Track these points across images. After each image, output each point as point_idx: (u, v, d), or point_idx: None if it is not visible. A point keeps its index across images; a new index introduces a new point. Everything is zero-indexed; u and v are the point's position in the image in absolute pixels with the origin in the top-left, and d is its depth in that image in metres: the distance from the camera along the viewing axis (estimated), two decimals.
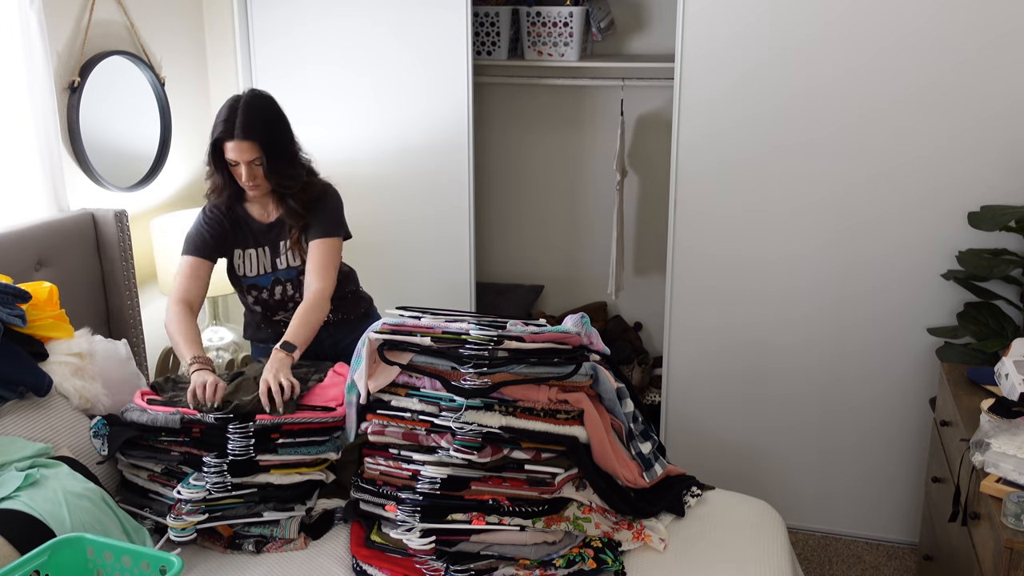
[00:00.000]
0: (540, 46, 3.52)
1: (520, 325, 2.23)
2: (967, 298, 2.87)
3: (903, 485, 3.14)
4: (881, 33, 2.82)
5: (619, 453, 2.24)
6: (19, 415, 2.16)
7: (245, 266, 2.63)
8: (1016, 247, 2.80)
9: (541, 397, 2.16)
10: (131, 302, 2.89)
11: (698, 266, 3.16)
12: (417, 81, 3.29)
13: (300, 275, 2.62)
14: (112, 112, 2.99)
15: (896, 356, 3.04)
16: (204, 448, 2.17)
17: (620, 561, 2.08)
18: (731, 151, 3.03)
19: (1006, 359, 2.37)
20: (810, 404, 3.17)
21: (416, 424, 2.15)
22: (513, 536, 2.08)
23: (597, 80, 3.60)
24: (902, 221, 2.93)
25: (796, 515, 3.25)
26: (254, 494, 2.17)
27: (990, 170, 2.82)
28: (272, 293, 2.65)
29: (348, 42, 3.32)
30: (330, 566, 2.09)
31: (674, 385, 3.30)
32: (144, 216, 3.13)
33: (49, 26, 2.62)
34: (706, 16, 2.94)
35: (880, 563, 3.13)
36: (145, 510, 2.20)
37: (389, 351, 2.21)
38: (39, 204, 2.70)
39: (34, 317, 2.31)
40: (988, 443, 2.09)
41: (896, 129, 2.88)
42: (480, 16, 3.51)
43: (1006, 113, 2.77)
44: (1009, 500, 1.92)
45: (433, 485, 2.08)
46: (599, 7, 3.54)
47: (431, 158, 3.33)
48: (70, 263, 2.71)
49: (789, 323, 3.12)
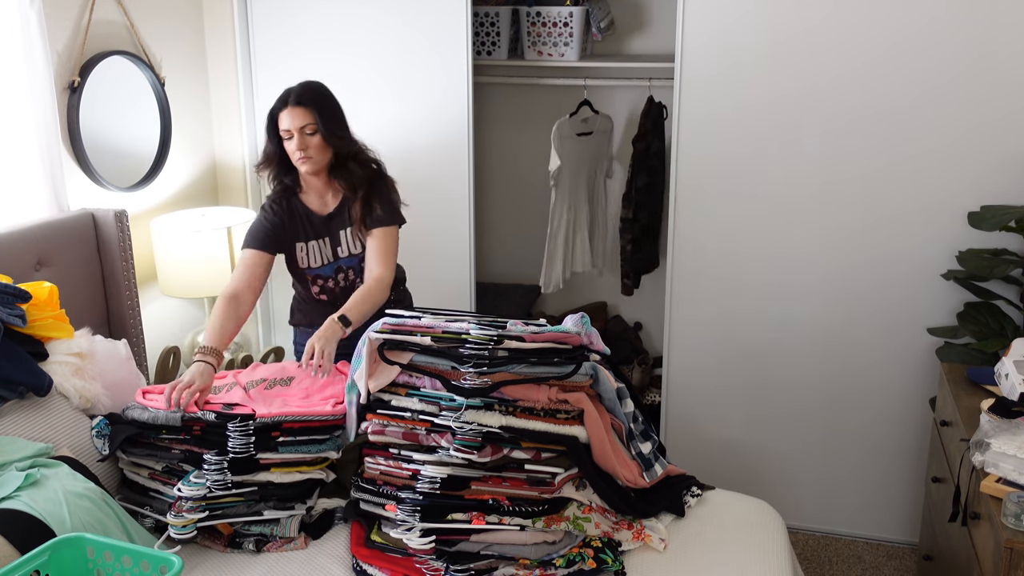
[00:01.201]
0: (540, 46, 3.52)
1: (520, 325, 2.23)
2: (967, 298, 2.87)
3: (903, 485, 3.14)
4: (881, 34, 2.82)
5: (619, 453, 2.24)
6: (19, 415, 2.16)
7: (309, 258, 2.65)
8: (1016, 247, 2.80)
9: (541, 397, 2.16)
10: (131, 302, 2.89)
11: (698, 266, 3.16)
12: (417, 81, 3.29)
13: (361, 262, 2.65)
14: (112, 112, 2.99)
15: (896, 356, 3.04)
16: (205, 446, 2.17)
17: (620, 561, 2.08)
18: (731, 151, 3.03)
19: (1006, 359, 2.37)
20: (810, 404, 3.17)
21: (416, 424, 2.15)
22: (513, 536, 2.08)
23: (597, 80, 3.60)
24: (902, 221, 2.94)
25: (796, 515, 3.25)
26: (254, 492, 2.17)
27: (990, 170, 2.82)
28: (336, 282, 2.68)
29: (348, 43, 3.32)
30: (330, 566, 2.09)
31: (674, 385, 3.30)
32: (144, 216, 3.13)
33: (49, 26, 2.62)
34: (706, 16, 2.94)
35: (880, 563, 3.13)
36: (146, 508, 2.21)
37: (389, 351, 2.21)
38: (39, 204, 2.70)
39: (34, 317, 2.31)
40: (988, 443, 2.09)
41: (896, 130, 2.88)
42: (480, 16, 3.51)
43: (1006, 113, 2.77)
44: (1009, 500, 1.92)
45: (433, 485, 2.08)
46: (599, 7, 3.54)
47: (431, 158, 3.33)
48: (70, 263, 2.71)
49: (789, 324, 3.12)
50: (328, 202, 2.66)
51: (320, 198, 2.66)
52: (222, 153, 3.53)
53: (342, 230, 2.65)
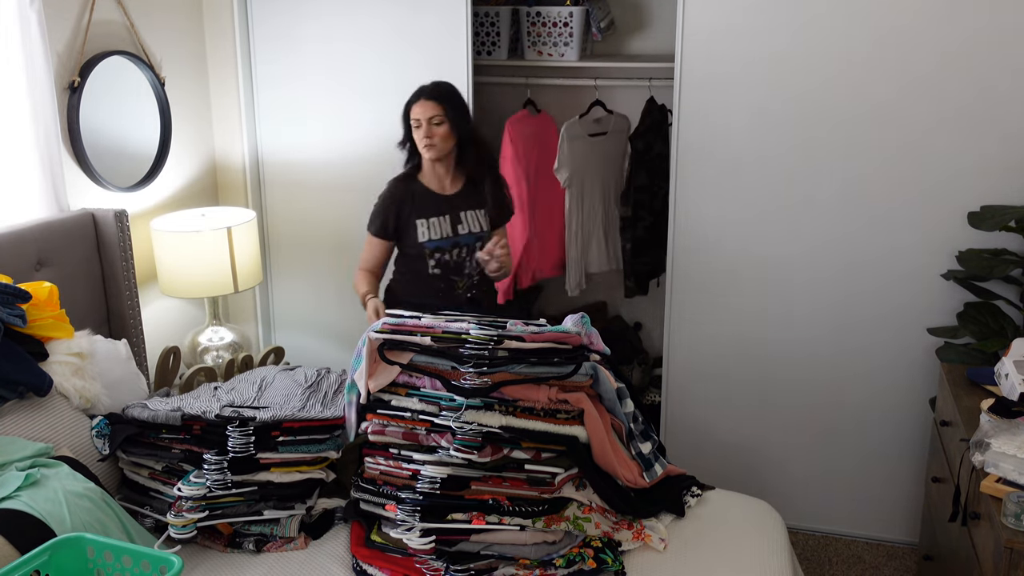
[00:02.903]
0: (540, 46, 3.52)
1: (520, 325, 2.23)
2: (967, 298, 2.87)
3: (903, 485, 3.14)
4: (882, 35, 2.82)
5: (619, 453, 2.24)
6: (19, 415, 2.16)
7: (429, 232, 2.84)
8: (1016, 247, 2.80)
9: (541, 397, 2.16)
10: (131, 302, 2.89)
11: (698, 266, 3.16)
12: (418, 81, 3.28)
13: (478, 241, 2.87)
14: (112, 112, 2.99)
15: (896, 356, 3.04)
16: (205, 445, 2.17)
17: (620, 561, 2.08)
18: (730, 151, 3.03)
19: (1006, 359, 2.37)
20: (810, 404, 3.17)
21: (416, 424, 2.15)
22: (513, 536, 2.08)
23: (597, 80, 3.59)
24: (902, 221, 2.93)
25: (796, 515, 3.25)
26: (254, 492, 2.17)
27: (990, 170, 2.82)
28: (452, 256, 2.86)
29: (349, 42, 3.32)
30: (330, 566, 2.09)
31: (674, 385, 3.30)
32: (144, 216, 3.13)
33: (49, 26, 2.62)
34: (706, 16, 2.94)
35: (880, 563, 3.13)
36: (146, 508, 2.21)
37: (389, 351, 2.21)
38: (39, 204, 2.70)
39: (34, 317, 2.31)
40: (988, 443, 2.08)
41: (896, 129, 2.88)
42: (480, 16, 3.51)
43: (1007, 113, 2.77)
44: (1009, 500, 1.92)
45: (433, 485, 2.08)
46: (599, 7, 3.54)
47: None
48: (70, 263, 2.71)
49: (789, 323, 3.12)
50: (447, 186, 2.88)
51: (440, 182, 2.88)
52: (222, 153, 3.53)
53: (463, 211, 2.87)
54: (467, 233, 2.87)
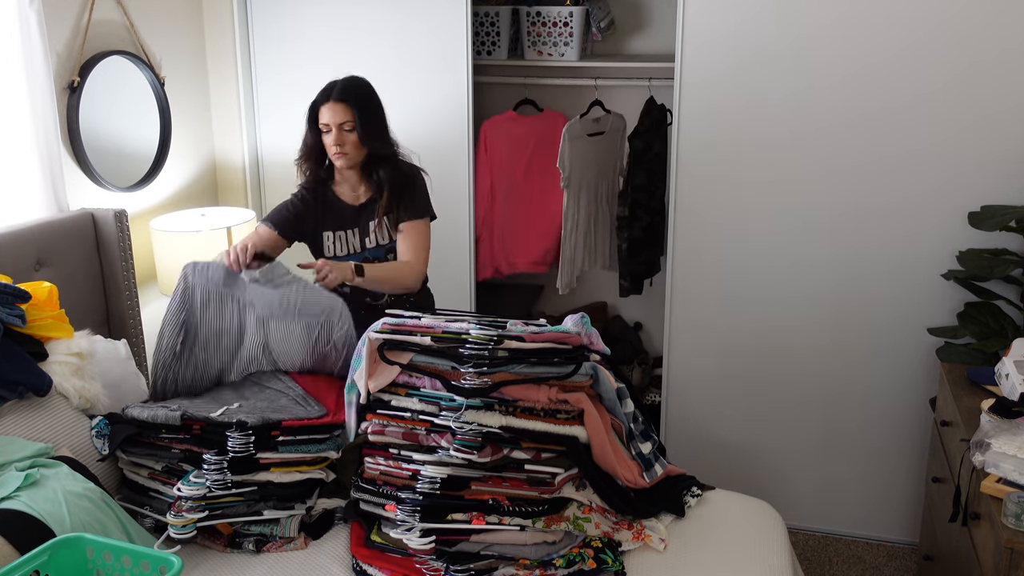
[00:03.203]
0: (540, 46, 3.52)
1: (520, 325, 2.23)
2: (967, 298, 2.87)
3: (903, 485, 3.14)
4: (881, 34, 2.82)
5: (619, 453, 2.24)
6: (19, 415, 2.15)
7: (336, 247, 2.69)
8: (1016, 247, 2.80)
9: (541, 397, 2.15)
10: (131, 302, 2.89)
11: (698, 266, 3.16)
12: (417, 80, 3.29)
13: (388, 254, 2.71)
14: (112, 112, 2.99)
15: (896, 356, 3.04)
16: (204, 445, 2.17)
17: (620, 561, 2.08)
18: (730, 151, 3.03)
19: (1006, 359, 2.37)
20: (810, 404, 3.17)
21: (416, 424, 2.15)
22: (513, 536, 2.08)
23: (597, 80, 3.59)
24: (902, 221, 2.93)
25: (796, 515, 3.25)
26: (254, 492, 2.16)
27: (990, 170, 2.82)
28: None
29: (348, 42, 3.32)
30: (330, 566, 2.09)
31: (674, 385, 3.30)
32: (144, 216, 3.13)
33: (49, 26, 2.62)
34: (706, 16, 2.94)
35: (880, 563, 3.13)
36: (146, 508, 2.20)
37: (389, 351, 2.21)
38: (39, 204, 2.70)
39: (34, 317, 2.30)
40: (988, 443, 2.08)
41: (896, 130, 2.88)
42: (480, 16, 3.51)
43: (1007, 113, 2.77)
44: (1009, 500, 1.92)
45: (433, 485, 2.08)
46: (599, 7, 3.54)
47: (431, 157, 3.31)
48: (70, 263, 2.71)
49: (789, 323, 3.12)
50: (360, 195, 2.71)
51: (353, 190, 2.71)
52: (222, 153, 3.53)
53: (372, 221, 2.70)
54: (375, 247, 2.70)
